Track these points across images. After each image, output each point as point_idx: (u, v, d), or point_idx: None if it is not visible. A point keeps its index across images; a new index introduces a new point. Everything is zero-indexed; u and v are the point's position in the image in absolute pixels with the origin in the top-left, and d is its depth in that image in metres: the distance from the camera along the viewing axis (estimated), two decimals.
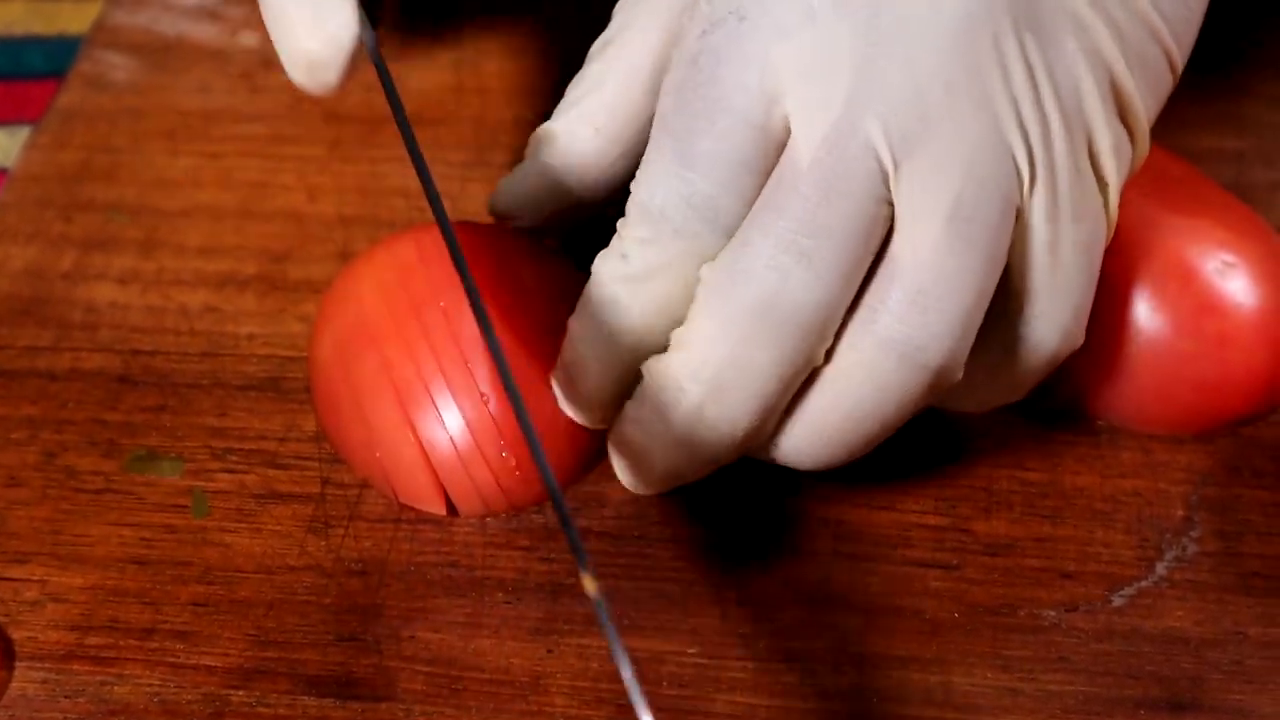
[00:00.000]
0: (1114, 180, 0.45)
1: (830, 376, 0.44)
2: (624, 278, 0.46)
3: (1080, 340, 0.46)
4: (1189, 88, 0.63)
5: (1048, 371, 0.46)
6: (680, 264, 0.45)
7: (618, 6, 0.51)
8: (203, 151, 0.62)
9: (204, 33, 0.67)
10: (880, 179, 0.43)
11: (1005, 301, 0.45)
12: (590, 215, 0.51)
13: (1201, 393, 0.50)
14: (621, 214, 0.46)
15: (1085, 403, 0.51)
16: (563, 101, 0.51)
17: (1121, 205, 0.48)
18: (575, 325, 0.47)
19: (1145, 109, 0.45)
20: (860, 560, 0.49)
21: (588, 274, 0.46)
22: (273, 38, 0.45)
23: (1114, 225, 0.46)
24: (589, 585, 0.40)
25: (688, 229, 0.45)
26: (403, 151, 0.61)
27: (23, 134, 0.64)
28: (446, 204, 0.59)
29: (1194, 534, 0.49)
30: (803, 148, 0.43)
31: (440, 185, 0.60)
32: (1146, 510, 0.50)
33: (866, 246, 0.43)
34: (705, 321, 0.44)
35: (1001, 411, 0.50)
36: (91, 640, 0.47)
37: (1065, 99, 0.43)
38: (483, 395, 0.49)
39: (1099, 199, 0.45)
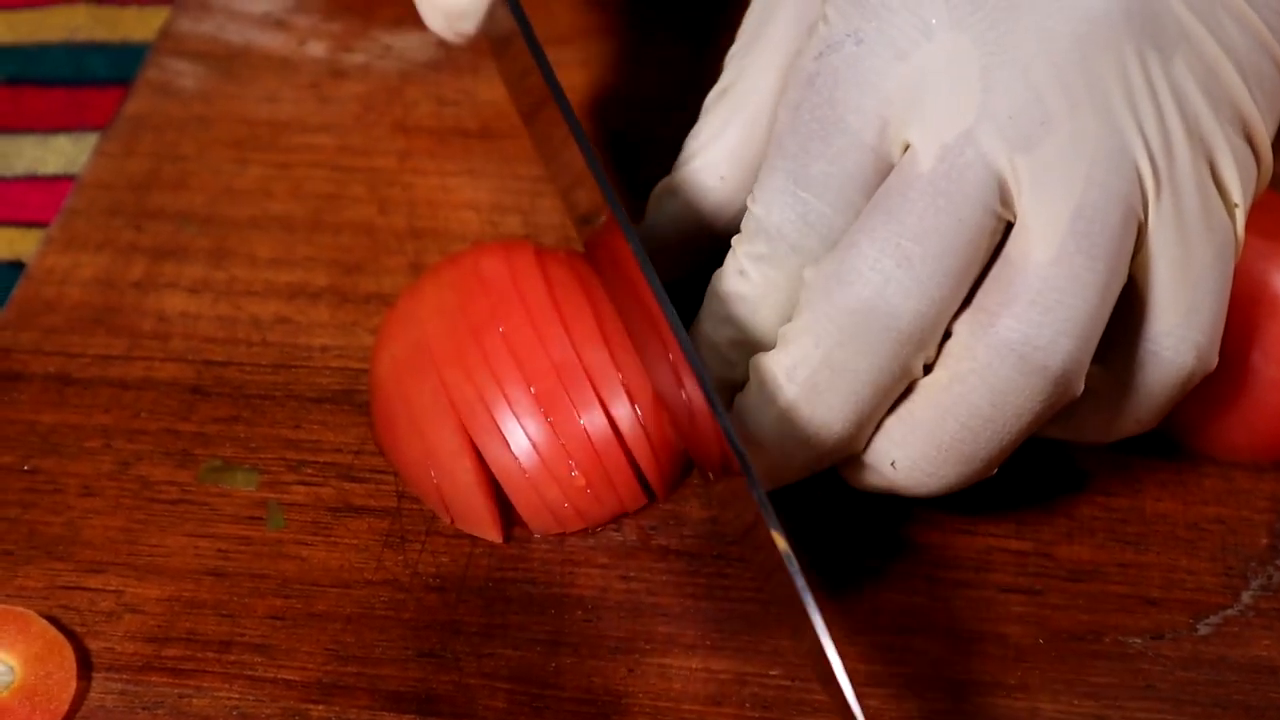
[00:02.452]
0: (1240, 198, 0.44)
1: (944, 384, 0.44)
2: (742, 294, 0.46)
3: (1214, 362, 0.45)
4: None
5: (1181, 394, 0.46)
6: (796, 277, 0.45)
7: (729, 55, 0.51)
8: (272, 161, 0.62)
9: (271, 41, 0.67)
10: (994, 189, 0.42)
11: (1135, 319, 0.44)
12: (709, 261, 0.51)
13: None
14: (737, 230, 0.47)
15: (1168, 428, 0.51)
16: (683, 153, 0.51)
17: None
18: (696, 339, 0.47)
19: (1267, 128, 0.45)
20: (942, 584, 0.49)
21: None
22: None
23: (1241, 246, 0.45)
24: (780, 542, 0.41)
25: (803, 245, 0.45)
26: (473, 165, 0.61)
27: (87, 140, 0.64)
28: (516, 219, 0.59)
29: (1279, 562, 0.49)
30: (920, 157, 0.43)
31: (510, 200, 0.60)
32: (1230, 538, 0.49)
33: (972, 257, 0.43)
34: (805, 321, 0.44)
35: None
36: (169, 652, 0.47)
37: (1186, 113, 0.43)
38: (546, 417, 0.48)
39: (1226, 216, 0.44)
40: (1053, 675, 0.46)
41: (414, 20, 0.67)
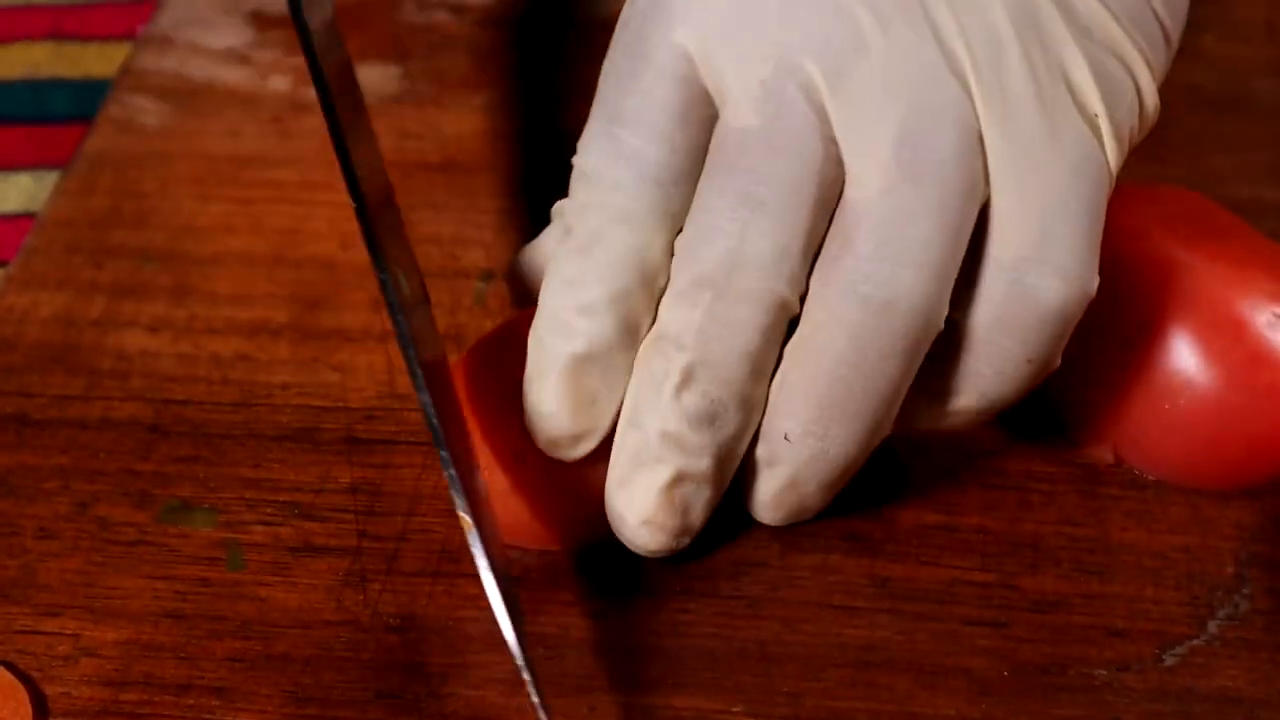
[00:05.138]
0: (1101, 110, 0.43)
1: (807, 337, 0.44)
2: (572, 250, 0.45)
3: (1093, 289, 0.44)
4: (1228, 139, 0.62)
5: (1062, 325, 0.44)
6: (620, 224, 0.45)
7: None
8: (233, 197, 0.62)
9: (234, 76, 0.67)
10: (822, 118, 0.42)
11: (989, 249, 0.43)
12: None
13: (1253, 447, 0.49)
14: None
15: (1132, 456, 0.51)
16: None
17: (1168, 254, 0.47)
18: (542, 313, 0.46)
19: (1135, 47, 0.44)
20: (905, 617, 0.48)
21: None
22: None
23: (1114, 170, 0.44)
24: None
25: (623, 183, 0.45)
26: (435, 199, 0.61)
27: (49, 178, 0.64)
28: (479, 252, 0.59)
29: (1245, 591, 0.48)
30: (742, 101, 0.43)
31: (472, 233, 0.60)
32: (1196, 567, 0.49)
33: (821, 190, 0.43)
34: (680, 285, 0.44)
35: (1044, 457, 0.50)
36: (126, 697, 0.47)
37: (1017, 15, 0.42)
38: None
39: (1083, 128, 0.43)
40: (1017, 708, 0.46)
41: (376, 53, 0.67)
